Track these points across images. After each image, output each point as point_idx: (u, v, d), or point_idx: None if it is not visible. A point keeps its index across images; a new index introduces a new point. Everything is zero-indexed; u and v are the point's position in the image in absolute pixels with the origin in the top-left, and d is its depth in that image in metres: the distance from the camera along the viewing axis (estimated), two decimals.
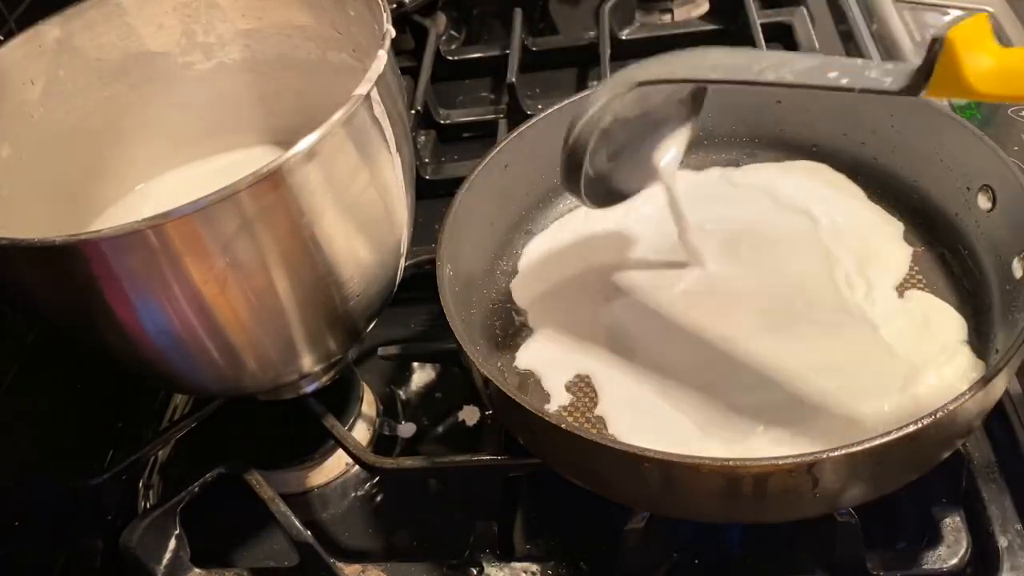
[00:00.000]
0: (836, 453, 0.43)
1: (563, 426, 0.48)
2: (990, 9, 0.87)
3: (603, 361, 0.59)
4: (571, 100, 0.66)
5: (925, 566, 0.52)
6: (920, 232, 0.63)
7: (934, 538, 0.53)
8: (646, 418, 0.55)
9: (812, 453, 0.44)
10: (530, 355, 0.61)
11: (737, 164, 0.70)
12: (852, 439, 0.44)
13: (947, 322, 0.57)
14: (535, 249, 0.68)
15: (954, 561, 0.52)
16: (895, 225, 0.63)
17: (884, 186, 0.65)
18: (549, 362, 0.60)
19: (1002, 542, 0.53)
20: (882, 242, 0.62)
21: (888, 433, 0.44)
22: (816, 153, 0.68)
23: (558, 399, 0.58)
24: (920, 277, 0.60)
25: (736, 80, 0.49)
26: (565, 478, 0.53)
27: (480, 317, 0.63)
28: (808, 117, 0.68)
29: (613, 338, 0.60)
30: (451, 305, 0.56)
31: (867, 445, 0.43)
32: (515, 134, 0.66)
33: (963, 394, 0.45)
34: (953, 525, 0.53)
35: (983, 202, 0.58)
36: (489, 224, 0.66)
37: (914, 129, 0.63)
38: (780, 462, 0.44)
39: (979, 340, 0.55)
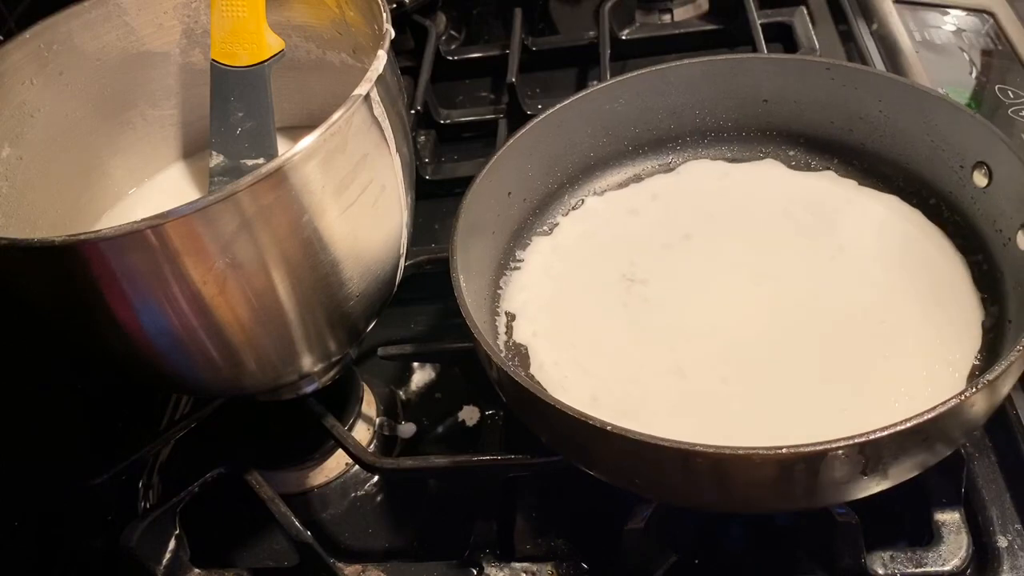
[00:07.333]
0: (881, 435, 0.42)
1: (608, 428, 0.46)
2: (990, 9, 0.87)
3: (619, 365, 0.58)
4: (567, 102, 0.66)
5: (925, 566, 0.52)
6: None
7: (934, 538, 0.53)
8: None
9: (863, 434, 0.43)
10: (540, 359, 0.60)
11: (732, 159, 0.70)
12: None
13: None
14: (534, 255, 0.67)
15: (954, 561, 0.52)
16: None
17: (874, 170, 0.66)
18: (560, 366, 0.59)
19: (1002, 542, 0.53)
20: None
21: (936, 405, 0.43)
22: (804, 143, 0.69)
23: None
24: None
25: None
26: (589, 473, 0.52)
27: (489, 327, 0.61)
28: (796, 109, 0.68)
29: (626, 336, 0.60)
30: (472, 315, 0.54)
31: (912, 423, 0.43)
32: (512, 140, 0.64)
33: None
34: (953, 525, 0.53)
35: (979, 179, 0.58)
36: (491, 233, 0.64)
37: (903, 112, 0.63)
38: (832, 445, 0.43)
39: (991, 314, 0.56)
